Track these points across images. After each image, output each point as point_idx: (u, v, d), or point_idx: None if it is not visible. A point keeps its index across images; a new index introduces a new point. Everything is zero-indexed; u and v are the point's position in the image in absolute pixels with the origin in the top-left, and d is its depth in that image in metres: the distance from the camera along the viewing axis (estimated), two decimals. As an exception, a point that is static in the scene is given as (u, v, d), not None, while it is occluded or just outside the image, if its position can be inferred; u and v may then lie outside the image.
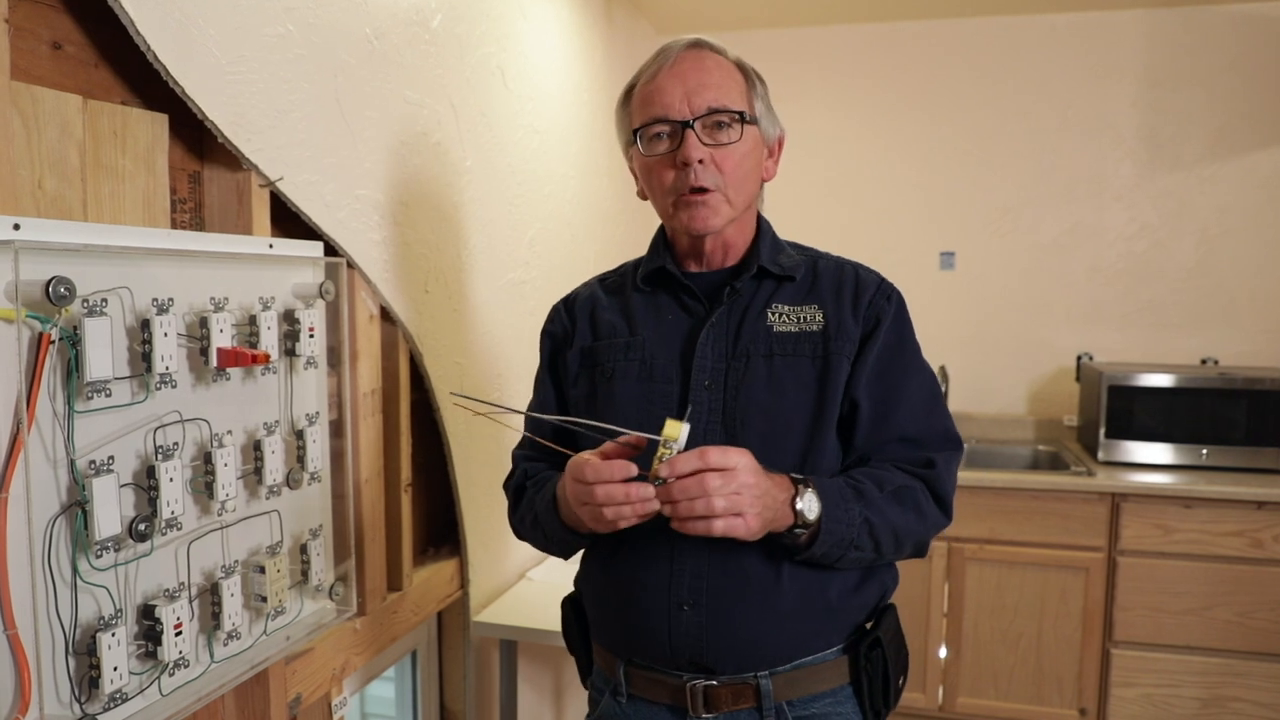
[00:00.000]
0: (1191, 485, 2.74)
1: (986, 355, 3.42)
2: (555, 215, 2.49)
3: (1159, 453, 2.93)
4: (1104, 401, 2.95)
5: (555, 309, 1.42)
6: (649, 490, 1.05)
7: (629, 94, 1.30)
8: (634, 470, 1.06)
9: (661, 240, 1.34)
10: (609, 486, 1.06)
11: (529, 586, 2.24)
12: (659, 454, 1.05)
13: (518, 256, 2.25)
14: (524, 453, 1.42)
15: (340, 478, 1.48)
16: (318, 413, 1.40)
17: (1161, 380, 2.93)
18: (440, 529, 2.03)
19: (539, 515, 1.28)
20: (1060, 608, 2.86)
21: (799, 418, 1.21)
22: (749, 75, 1.28)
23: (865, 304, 1.25)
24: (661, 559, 1.21)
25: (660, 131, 1.23)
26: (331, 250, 1.48)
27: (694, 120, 1.20)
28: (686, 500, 1.03)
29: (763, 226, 1.33)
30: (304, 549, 1.39)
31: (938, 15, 3.35)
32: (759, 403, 1.21)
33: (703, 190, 1.21)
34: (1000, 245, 3.41)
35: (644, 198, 1.34)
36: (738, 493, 1.04)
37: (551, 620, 2.02)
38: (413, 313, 1.75)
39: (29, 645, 0.96)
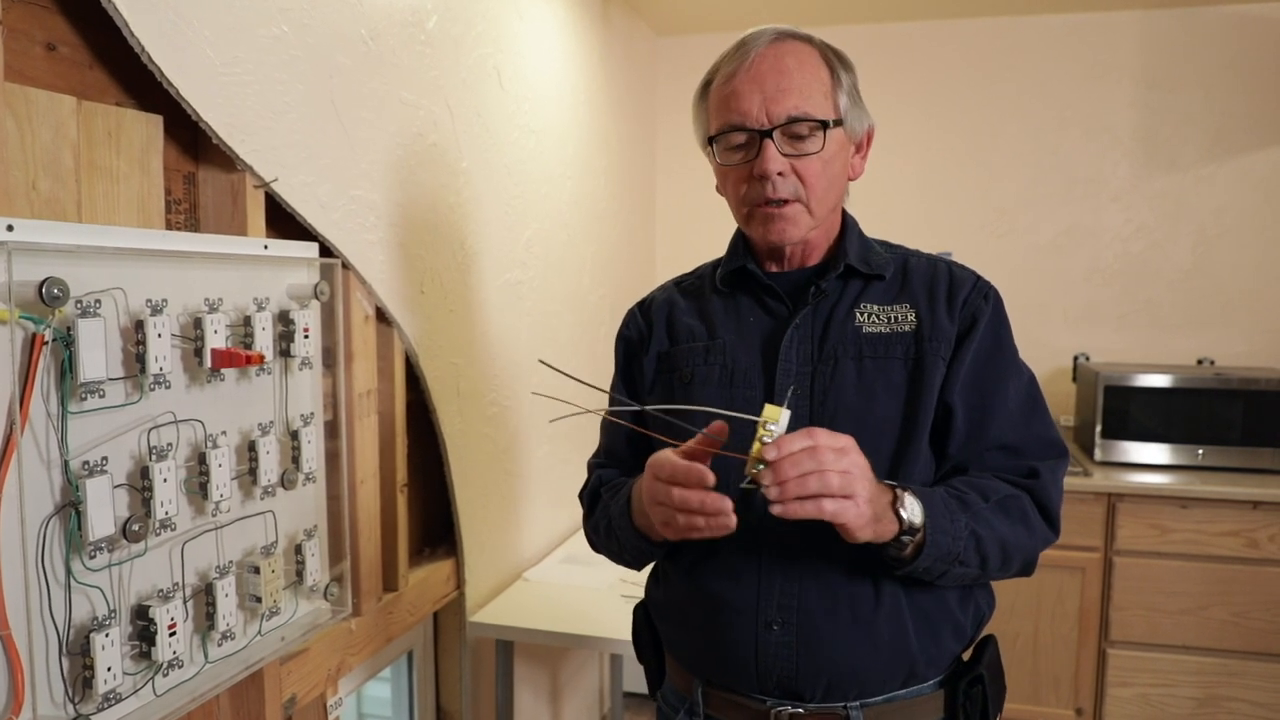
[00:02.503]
0: (1188, 485, 2.74)
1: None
2: (552, 216, 2.50)
3: (1155, 453, 2.93)
4: (1100, 402, 2.95)
5: (631, 313, 1.36)
6: (726, 504, 0.98)
7: (706, 88, 1.22)
8: (711, 479, 1.00)
9: (741, 240, 1.28)
10: (685, 492, 1.00)
11: (525, 587, 2.24)
12: (759, 435, 0.96)
13: (514, 257, 2.25)
14: (599, 460, 1.37)
15: (336, 478, 1.49)
16: (313, 413, 1.41)
17: (1158, 381, 2.93)
18: (436, 529, 2.04)
19: (613, 520, 1.22)
20: (1057, 607, 2.86)
21: (891, 423, 1.14)
22: (834, 68, 1.18)
23: (961, 302, 1.18)
24: (749, 573, 1.14)
25: (737, 141, 1.16)
26: (327, 251, 1.48)
27: (773, 130, 1.12)
28: (798, 477, 0.94)
29: (848, 223, 1.25)
30: (299, 549, 1.39)
31: (934, 16, 3.36)
32: (848, 407, 1.14)
33: (781, 202, 1.14)
34: (997, 246, 3.41)
35: (723, 194, 1.26)
36: (849, 471, 0.96)
37: (547, 620, 2.03)
38: (409, 313, 1.75)
39: (22, 646, 0.96)
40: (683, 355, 1.26)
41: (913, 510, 1.04)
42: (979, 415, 1.16)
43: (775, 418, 0.97)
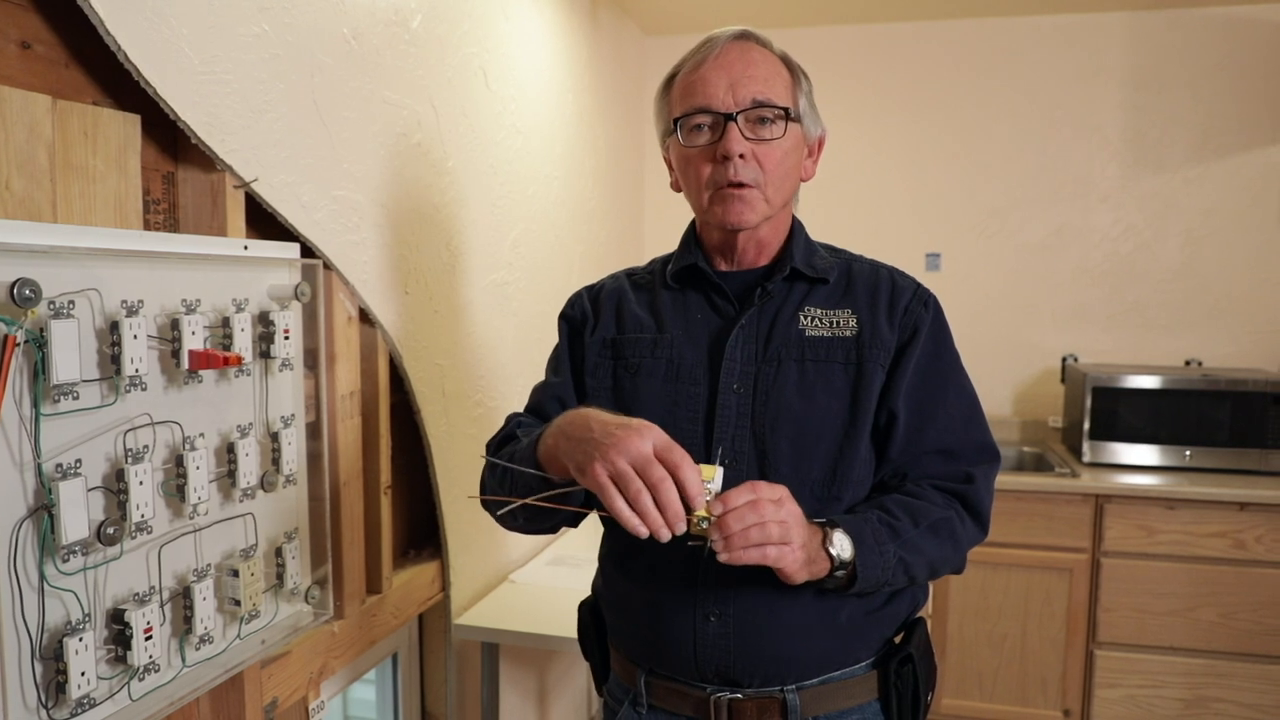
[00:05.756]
0: (1175, 486, 2.75)
1: (972, 356, 3.38)
2: (539, 216, 2.49)
3: (1143, 454, 2.93)
4: (1088, 403, 2.95)
5: (578, 294, 1.38)
6: (683, 526, 0.98)
7: (670, 82, 1.25)
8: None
9: (692, 237, 1.31)
10: (670, 488, 0.96)
11: (511, 589, 2.23)
12: None
13: (500, 258, 2.24)
14: (522, 416, 1.34)
15: (317, 480, 1.47)
16: (293, 415, 1.39)
17: (1146, 382, 2.94)
18: (421, 531, 2.03)
19: (514, 456, 1.16)
20: (1044, 609, 2.87)
21: (830, 425, 1.18)
22: (795, 71, 1.24)
23: (901, 311, 1.22)
24: (686, 568, 1.18)
25: (701, 123, 1.19)
26: (308, 252, 1.47)
27: (737, 113, 1.17)
28: (742, 529, 0.98)
29: (796, 227, 1.29)
30: (279, 552, 1.38)
31: (924, 17, 3.36)
32: (789, 408, 1.17)
33: (741, 185, 1.18)
34: (986, 247, 3.41)
35: (677, 189, 1.29)
36: (786, 520, 1.01)
37: (533, 622, 2.02)
38: (392, 314, 1.74)
39: (-7, 650, 0.95)
40: (630, 345, 1.28)
41: (842, 547, 1.08)
42: (919, 420, 1.20)
43: (711, 476, 1.02)
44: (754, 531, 0.99)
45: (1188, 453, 2.90)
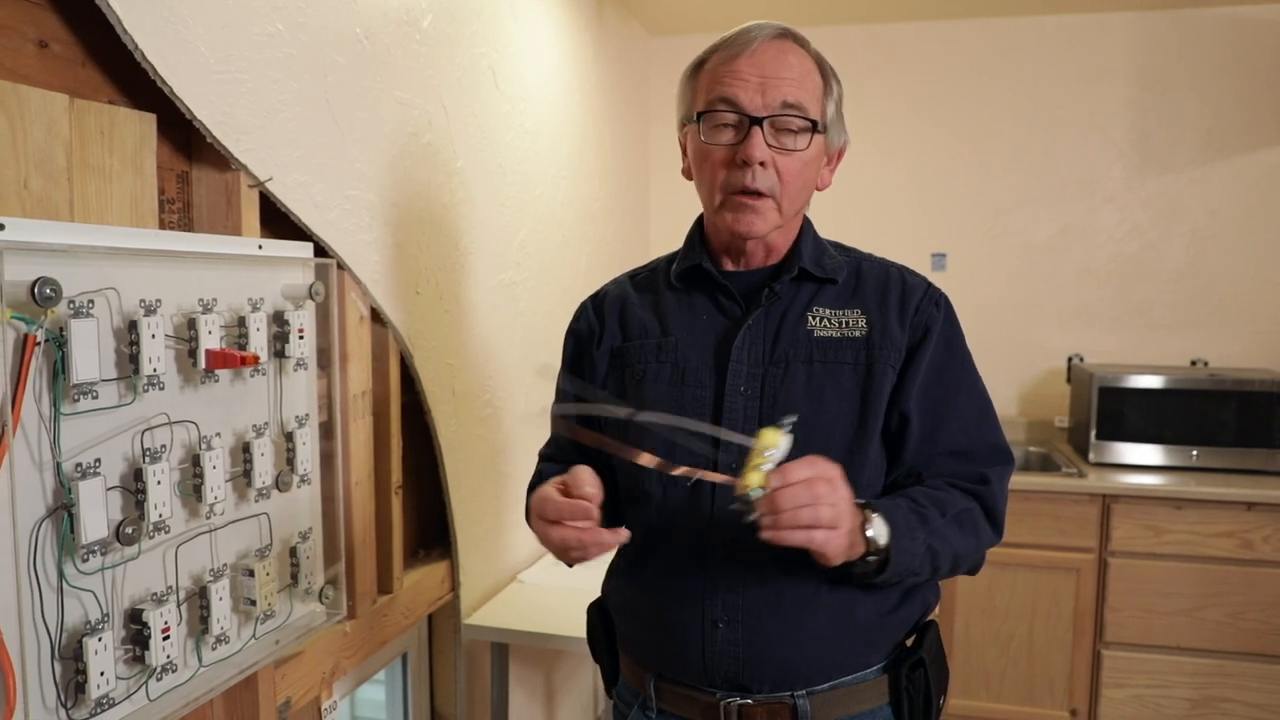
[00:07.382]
0: (1182, 486, 2.75)
1: (978, 356, 3.37)
2: (547, 216, 2.49)
3: (1149, 454, 2.93)
4: (1095, 403, 2.95)
5: (583, 306, 1.36)
6: (603, 535, 1.06)
7: (698, 68, 1.21)
8: (594, 515, 1.06)
9: (698, 235, 1.28)
10: (563, 532, 1.07)
11: (521, 589, 2.23)
12: (753, 463, 0.97)
13: (509, 258, 2.24)
14: (548, 450, 1.39)
15: (330, 480, 1.47)
16: (307, 415, 1.39)
17: (1152, 382, 2.94)
18: (431, 531, 2.03)
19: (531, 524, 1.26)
20: (1051, 609, 2.86)
21: (839, 428, 1.16)
22: (828, 77, 1.20)
23: (912, 311, 1.20)
24: (694, 573, 1.17)
25: (726, 121, 1.15)
26: (321, 251, 1.47)
27: (765, 118, 1.13)
28: (793, 509, 0.95)
29: (805, 226, 1.26)
30: (293, 552, 1.38)
31: (929, 17, 3.36)
32: (797, 410, 1.14)
33: (755, 194, 1.15)
34: (992, 247, 3.41)
35: (689, 177, 1.26)
36: (838, 504, 0.98)
37: (542, 623, 2.02)
38: (404, 314, 1.74)
39: (14, 650, 0.95)
40: (635, 351, 1.26)
41: (879, 531, 1.06)
42: (932, 422, 1.19)
43: (775, 443, 0.98)
44: (805, 513, 0.96)
45: (1194, 453, 2.90)
